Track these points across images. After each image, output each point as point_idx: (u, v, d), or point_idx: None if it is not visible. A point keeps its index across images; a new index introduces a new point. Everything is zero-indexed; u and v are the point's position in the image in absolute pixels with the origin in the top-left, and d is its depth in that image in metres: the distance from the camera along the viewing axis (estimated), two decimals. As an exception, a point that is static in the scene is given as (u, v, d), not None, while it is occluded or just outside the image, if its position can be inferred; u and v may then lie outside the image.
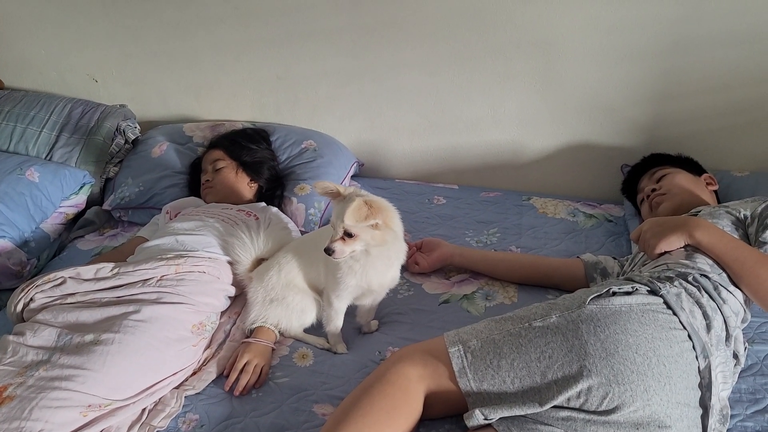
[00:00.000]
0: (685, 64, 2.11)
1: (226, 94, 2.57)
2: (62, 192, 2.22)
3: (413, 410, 1.31)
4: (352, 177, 2.44)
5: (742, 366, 1.48)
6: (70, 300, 1.59)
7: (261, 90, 2.53)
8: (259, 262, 1.74)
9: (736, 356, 1.45)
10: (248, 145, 2.19)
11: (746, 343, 1.52)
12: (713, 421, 1.29)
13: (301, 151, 2.33)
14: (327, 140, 2.42)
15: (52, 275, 1.63)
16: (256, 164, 2.16)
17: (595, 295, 1.35)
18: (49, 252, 2.17)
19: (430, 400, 1.33)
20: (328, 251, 1.44)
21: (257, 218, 1.94)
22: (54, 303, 1.59)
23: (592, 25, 2.12)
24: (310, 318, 1.68)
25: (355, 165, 2.43)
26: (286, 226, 1.95)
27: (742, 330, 1.49)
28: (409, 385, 1.31)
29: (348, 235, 1.43)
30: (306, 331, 1.70)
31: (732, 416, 1.39)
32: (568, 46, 2.17)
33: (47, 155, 2.37)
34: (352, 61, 2.37)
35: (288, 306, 1.65)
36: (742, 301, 1.45)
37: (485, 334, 1.34)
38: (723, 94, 2.13)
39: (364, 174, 2.56)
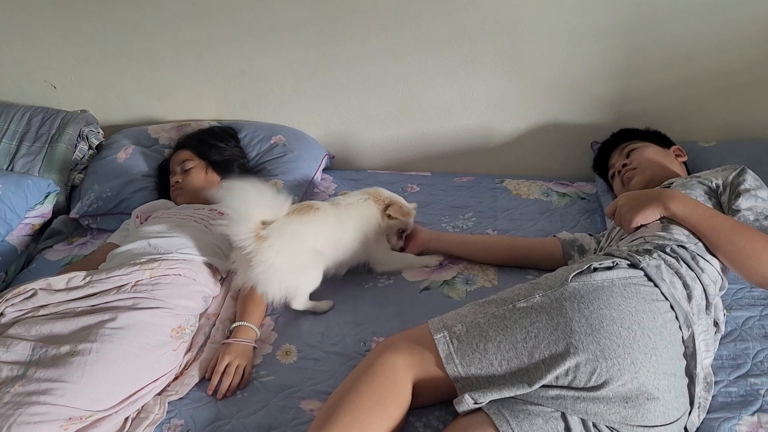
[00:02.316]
0: (648, 38, 2.12)
1: (189, 93, 2.52)
2: (27, 202, 2.15)
3: (402, 399, 1.30)
4: (324, 170, 2.42)
5: (722, 333, 1.50)
6: (42, 312, 1.55)
7: (226, 87, 2.49)
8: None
9: (716, 324, 1.46)
10: (216, 144, 2.16)
11: (725, 310, 1.55)
12: (699, 390, 1.30)
13: (271, 146, 2.31)
14: (296, 134, 2.40)
15: (22, 288, 1.58)
16: (225, 162, 2.13)
17: (577, 272, 1.35)
18: (17, 265, 2.11)
19: (418, 389, 1.32)
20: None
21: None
22: (26, 316, 1.54)
23: (555, 4, 2.12)
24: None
25: (326, 158, 2.41)
26: None
27: (720, 297, 1.51)
28: (396, 375, 1.29)
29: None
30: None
31: (716, 383, 1.41)
32: (533, 26, 2.17)
33: (8, 166, 2.31)
34: (317, 53, 2.35)
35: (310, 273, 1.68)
36: (719, 270, 1.47)
37: (470, 319, 1.34)
38: (686, 66, 2.15)
39: (336, 166, 2.54)
